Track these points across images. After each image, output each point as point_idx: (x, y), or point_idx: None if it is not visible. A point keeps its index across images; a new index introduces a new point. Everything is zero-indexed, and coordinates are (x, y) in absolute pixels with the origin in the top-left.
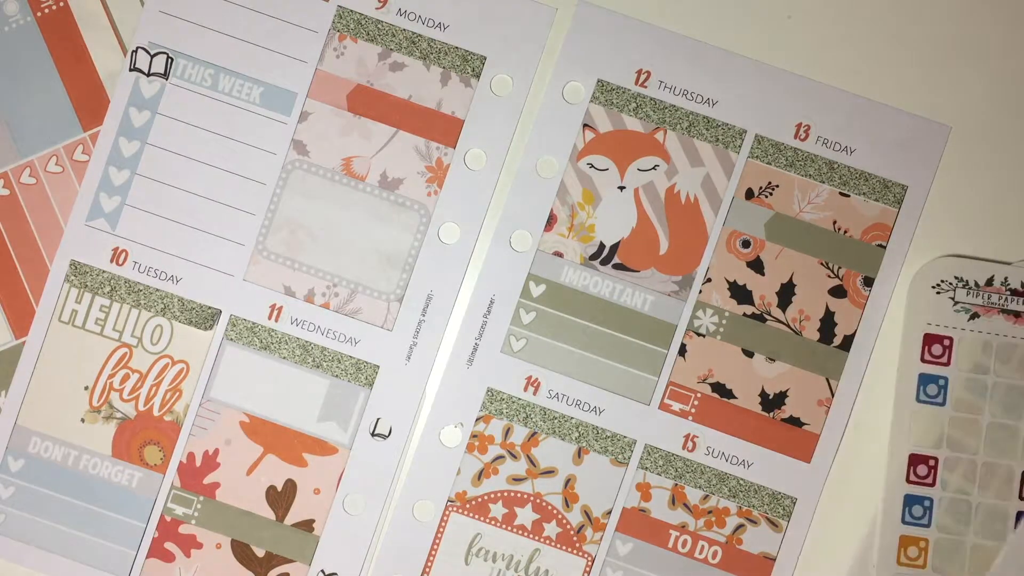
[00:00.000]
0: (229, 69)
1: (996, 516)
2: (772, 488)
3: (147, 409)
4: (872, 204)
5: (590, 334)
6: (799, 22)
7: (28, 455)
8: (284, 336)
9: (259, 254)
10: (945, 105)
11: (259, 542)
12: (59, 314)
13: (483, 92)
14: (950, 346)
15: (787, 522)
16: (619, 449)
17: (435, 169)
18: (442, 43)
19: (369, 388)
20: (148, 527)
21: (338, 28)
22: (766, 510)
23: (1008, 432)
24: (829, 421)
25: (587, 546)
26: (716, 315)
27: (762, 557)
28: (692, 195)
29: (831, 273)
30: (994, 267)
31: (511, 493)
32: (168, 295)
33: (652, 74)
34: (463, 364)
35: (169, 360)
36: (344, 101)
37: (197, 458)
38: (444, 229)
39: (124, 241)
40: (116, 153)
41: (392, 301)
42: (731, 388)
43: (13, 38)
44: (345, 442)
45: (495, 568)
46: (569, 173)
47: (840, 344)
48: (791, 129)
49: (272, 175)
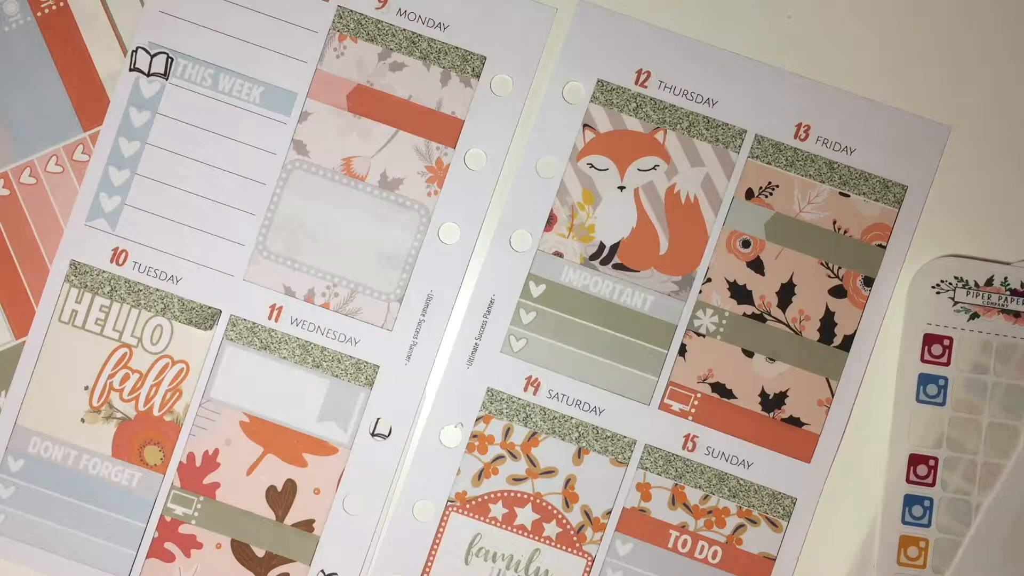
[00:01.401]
0: (229, 69)
1: None
2: (772, 488)
3: (147, 409)
4: (872, 204)
5: (590, 334)
6: (799, 22)
7: (28, 455)
8: (284, 336)
9: (259, 254)
10: (945, 105)
11: (259, 542)
12: (59, 314)
13: (483, 92)
14: (950, 346)
15: (787, 522)
16: (619, 449)
17: (435, 169)
18: (442, 43)
19: (369, 388)
20: (148, 527)
21: (338, 28)
22: (766, 510)
23: (1008, 432)
24: (829, 421)
25: (587, 546)
26: (716, 315)
27: (762, 557)
28: (692, 195)
29: (831, 273)
30: (994, 267)
31: (511, 493)
32: (168, 295)
33: (652, 74)
34: (463, 364)
35: (169, 360)
36: (344, 101)
37: (197, 458)
38: (444, 229)
39: (124, 241)
40: (116, 153)
41: (392, 301)
42: (731, 388)
43: (13, 38)
44: (345, 442)
45: (495, 568)
46: (569, 173)
47: (840, 344)
48: (791, 129)
49: (272, 175)
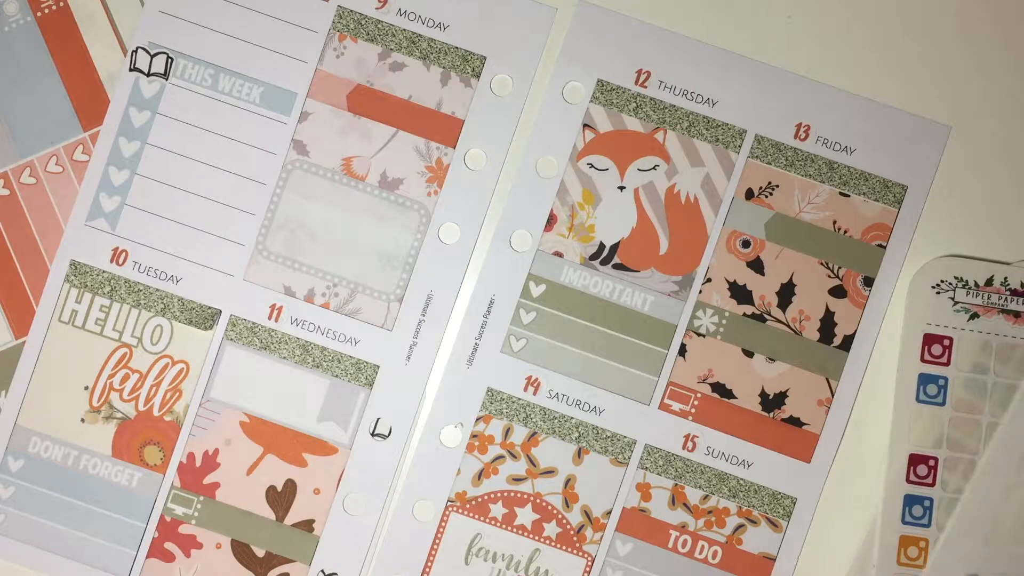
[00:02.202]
0: (229, 69)
1: None
2: (772, 488)
3: (147, 409)
4: (872, 204)
5: (590, 334)
6: (799, 22)
7: (28, 455)
8: (284, 336)
9: (259, 254)
10: (945, 105)
11: (259, 542)
12: (59, 314)
13: (483, 92)
14: (950, 346)
15: (787, 522)
16: (619, 449)
17: (435, 169)
18: (442, 43)
19: (369, 388)
20: (148, 527)
21: (338, 28)
22: (766, 510)
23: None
24: (829, 421)
25: (587, 546)
26: (716, 315)
27: (762, 557)
28: (692, 195)
29: (831, 273)
30: (994, 267)
31: (511, 493)
32: (168, 295)
33: (652, 74)
34: (463, 364)
35: (169, 360)
36: (344, 101)
37: (197, 458)
38: (444, 229)
39: (124, 241)
40: (116, 153)
41: (392, 301)
42: (731, 388)
43: (13, 38)
44: (345, 442)
45: (495, 568)
46: (569, 173)
47: (840, 344)
48: (791, 129)
49: (272, 175)
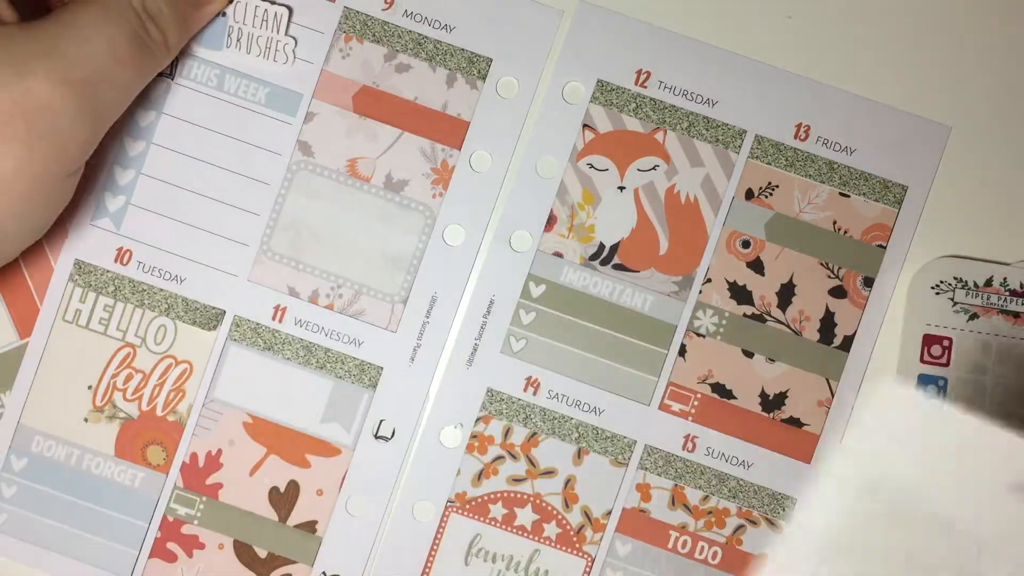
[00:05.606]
0: (235, 69)
1: None
2: (772, 489)
3: (150, 409)
4: (872, 204)
5: (590, 334)
6: (799, 22)
7: (31, 454)
8: (288, 337)
9: (263, 255)
10: (945, 105)
11: (261, 543)
12: (63, 314)
13: (489, 94)
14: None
15: (787, 523)
16: (619, 449)
17: (440, 171)
18: (448, 45)
19: (372, 390)
20: (150, 527)
21: (344, 29)
22: (766, 511)
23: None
24: (829, 421)
25: (587, 547)
26: (716, 315)
27: (762, 558)
28: (692, 195)
29: (831, 273)
30: (993, 268)
31: (511, 494)
32: (172, 295)
33: (652, 74)
34: (463, 364)
35: (172, 360)
36: (350, 102)
37: (200, 458)
38: (449, 231)
39: (128, 241)
40: (121, 153)
41: (396, 303)
42: (731, 388)
43: None
44: (348, 444)
45: (495, 569)
46: (569, 173)
47: (840, 344)
48: (791, 129)
49: (277, 176)
